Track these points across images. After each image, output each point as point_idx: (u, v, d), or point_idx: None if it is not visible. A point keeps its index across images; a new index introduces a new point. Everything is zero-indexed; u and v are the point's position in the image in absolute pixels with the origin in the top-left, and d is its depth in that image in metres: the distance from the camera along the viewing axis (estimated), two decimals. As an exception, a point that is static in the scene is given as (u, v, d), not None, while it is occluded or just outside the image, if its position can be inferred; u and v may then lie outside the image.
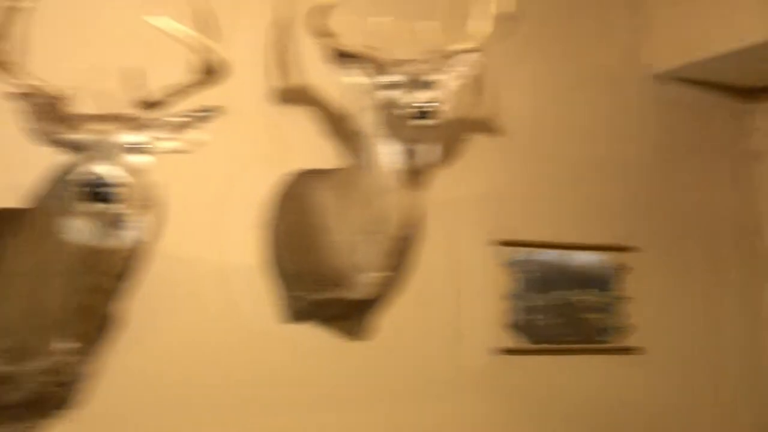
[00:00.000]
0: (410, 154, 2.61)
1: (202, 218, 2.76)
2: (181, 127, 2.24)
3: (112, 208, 2.01)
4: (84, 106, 2.30)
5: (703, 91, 3.68)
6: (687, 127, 3.64)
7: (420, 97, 2.50)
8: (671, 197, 3.58)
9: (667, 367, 3.48)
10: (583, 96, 3.44)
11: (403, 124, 2.54)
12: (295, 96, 2.95)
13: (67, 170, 2.06)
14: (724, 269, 3.66)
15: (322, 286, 2.81)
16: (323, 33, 2.60)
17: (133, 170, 2.07)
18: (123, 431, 2.63)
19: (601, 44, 3.50)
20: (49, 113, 2.13)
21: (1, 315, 2.27)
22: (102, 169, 1.99)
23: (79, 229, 2.08)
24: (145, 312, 2.60)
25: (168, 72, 2.28)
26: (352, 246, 2.71)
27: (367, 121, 2.67)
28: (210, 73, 2.21)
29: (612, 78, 3.52)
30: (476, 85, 3.18)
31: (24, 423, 2.50)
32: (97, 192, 1.97)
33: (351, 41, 2.64)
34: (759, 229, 3.75)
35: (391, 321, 3.02)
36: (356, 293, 2.79)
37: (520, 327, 3.23)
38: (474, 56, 2.73)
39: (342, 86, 2.94)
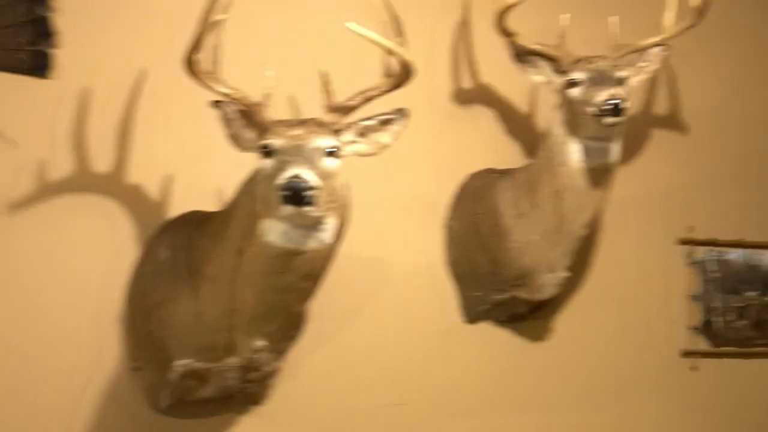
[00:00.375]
0: (597, 152, 2.58)
1: (385, 219, 2.78)
2: (369, 130, 2.27)
3: (310, 211, 2.03)
4: (279, 112, 2.38)
5: None
6: None
7: (609, 94, 2.46)
8: None
9: None
10: (768, 86, 3.31)
11: (591, 121, 2.51)
12: (476, 96, 2.95)
13: (266, 175, 2.10)
14: None
15: (503, 287, 2.81)
16: (507, 32, 2.59)
17: (328, 174, 2.10)
18: (308, 427, 2.69)
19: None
20: (247, 120, 2.20)
21: (201, 315, 2.35)
22: (301, 173, 2.01)
23: (277, 231, 2.12)
24: (332, 312, 2.64)
25: (356, 77, 2.31)
26: (535, 246, 2.70)
27: (552, 119, 2.65)
28: (399, 76, 2.22)
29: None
30: (658, 78, 3.11)
31: (216, 417, 2.59)
32: (297, 195, 2.00)
33: (535, 39, 2.63)
34: None
35: (572, 322, 2.99)
36: (538, 294, 2.78)
37: (704, 329, 3.15)
38: (662, 50, 2.68)
39: (526, 85, 2.94)
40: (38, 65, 2.50)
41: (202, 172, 2.60)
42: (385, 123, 2.27)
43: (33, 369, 2.47)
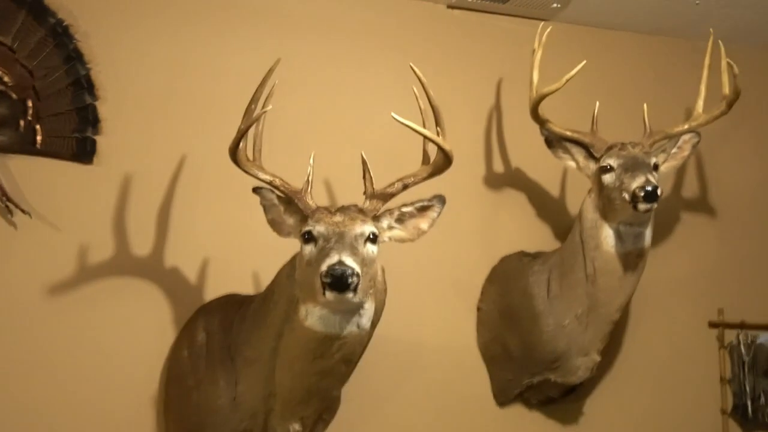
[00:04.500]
0: (631, 236, 2.56)
1: (418, 301, 2.77)
2: (407, 216, 2.26)
3: (351, 297, 2.01)
4: (319, 198, 2.40)
5: None
6: None
7: (642, 181, 2.45)
8: None
9: None
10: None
11: (625, 207, 2.49)
12: (509, 180, 2.96)
13: (308, 260, 2.09)
14: None
15: (535, 370, 2.76)
16: (541, 119, 2.61)
17: (368, 260, 2.09)
18: None
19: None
20: (287, 206, 2.20)
21: (238, 398, 2.32)
22: (344, 260, 1.99)
23: (316, 316, 2.10)
24: (365, 394, 2.63)
25: (395, 164, 2.35)
26: (568, 329, 2.66)
27: (585, 204, 2.64)
28: (438, 164, 2.23)
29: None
30: (688, 162, 3.12)
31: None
32: (340, 282, 1.97)
33: (567, 126, 2.64)
34: None
35: (604, 406, 2.96)
36: (571, 377, 2.73)
37: (736, 413, 3.08)
38: (693, 137, 2.70)
39: (557, 170, 2.96)
40: (82, 151, 2.53)
41: (239, 256, 2.61)
42: (423, 210, 2.26)
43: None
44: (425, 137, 2.20)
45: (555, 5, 2.88)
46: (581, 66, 2.54)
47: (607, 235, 2.58)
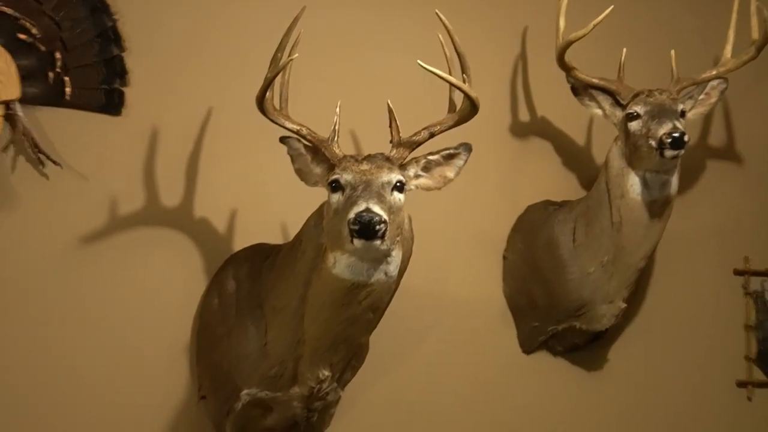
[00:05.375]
0: (657, 184, 2.56)
1: (444, 252, 2.78)
2: (434, 164, 2.26)
3: (378, 245, 2.02)
4: (346, 147, 2.40)
5: None
6: None
7: (669, 128, 2.45)
8: None
9: None
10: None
11: (651, 154, 2.49)
12: (535, 130, 2.95)
13: (335, 209, 2.09)
14: None
15: (560, 318, 2.79)
16: (567, 66, 2.60)
17: (395, 208, 2.09)
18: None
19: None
20: (314, 155, 2.21)
21: (267, 346, 2.35)
22: (371, 207, 1.99)
23: (344, 264, 2.10)
24: (393, 342, 2.65)
25: (420, 112, 2.34)
26: (593, 278, 2.68)
27: (611, 152, 2.64)
28: (464, 111, 2.22)
29: None
30: (715, 110, 3.10)
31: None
32: (367, 229, 1.98)
33: (594, 73, 2.63)
34: None
35: (628, 353, 2.97)
36: (596, 325, 2.75)
37: (760, 359, 3.09)
38: (720, 83, 2.67)
39: (583, 118, 2.94)
40: (111, 103, 2.53)
41: (267, 206, 2.63)
42: (450, 158, 2.26)
43: (106, 399, 2.48)
44: (451, 84, 2.18)
45: (581, -49, 2.84)
46: (608, 12, 2.51)
47: (633, 183, 2.57)
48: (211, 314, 2.52)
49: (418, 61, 2.11)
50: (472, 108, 2.21)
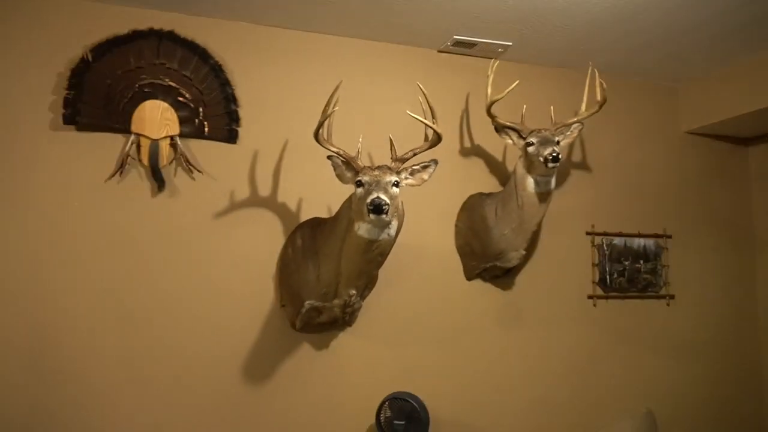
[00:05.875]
0: (543, 183, 2.56)
1: (422, 221, 2.77)
2: (416, 171, 2.27)
3: (384, 218, 2.05)
4: (365, 161, 2.39)
5: (715, 140, 3.39)
6: (704, 162, 3.36)
7: (551, 150, 2.45)
8: (693, 205, 3.31)
9: (688, 307, 3.23)
10: (639, 145, 3.24)
11: (540, 166, 2.49)
12: (474, 151, 2.93)
13: (359, 197, 2.12)
14: (724, 247, 3.35)
15: (488, 260, 2.77)
16: (492, 115, 2.58)
17: (394, 196, 2.11)
18: (378, 338, 2.68)
19: (647, 110, 3.29)
20: (347, 166, 2.22)
21: (320, 276, 2.37)
22: (381, 196, 2.03)
23: (364, 229, 2.14)
24: (393, 274, 2.65)
25: (409, 141, 2.34)
26: (507, 236, 2.67)
27: (517, 164, 2.63)
28: (434, 141, 2.23)
29: (655, 134, 3.29)
30: (577, 140, 3.08)
31: (327, 333, 2.59)
32: (378, 209, 2.02)
33: (507, 118, 2.62)
34: (750, 224, 3.42)
35: (526, 279, 2.94)
36: (507, 263, 2.74)
37: (601, 283, 3.08)
38: (579, 126, 2.66)
39: (501, 145, 2.93)
40: (230, 137, 2.55)
41: (320, 196, 2.61)
42: (425, 167, 2.27)
43: (231, 305, 2.50)
44: (426, 125, 2.21)
45: (500, 50, 2.83)
46: (515, 85, 2.53)
47: (530, 182, 2.57)
48: (287, 258, 2.53)
49: (408, 111, 2.13)
50: (438, 139, 2.22)
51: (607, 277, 3.08)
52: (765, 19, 2.55)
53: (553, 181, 2.58)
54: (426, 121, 2.19)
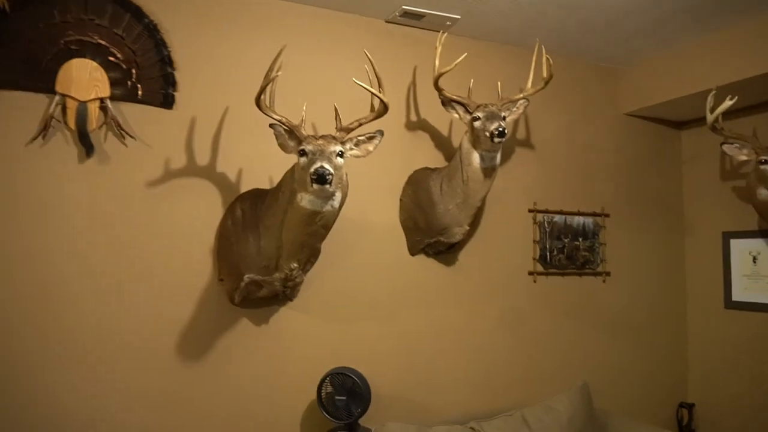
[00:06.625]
0: (489, 159, 2.56)
1: (366, 194, 2.75)
2: (361, 142, 2.23)
3: (327, 188, 2.01)
4: (309, 130, 2.33)
5: (651, 123, 3.50)
6: (641, 144, 3.48)
7: (497, 125, 2.45)
8: (630, 186, 3.43)
9: (622, 284, 3.36)
10: (581, 125, 3.30)
11: (486, 141, 2.49)
12: (420, 125, 2.91)
13: (302, 166, 2.07)
14: (656, 226, 3.49)
15: (432, 235, 2.77)
16: (439, 88, 2.56)
17: (338, 167, 2.07)
18: (320, 313, 2.63)
19: (590, 92, 3.35)
20: (290, 135, 2.16)
21: (261, 249, 2.32)
22: (324, 165, 1.99)
23: (307, 200, 2.09)
24: (336, 247, 2.62)
25: (354, 111, 2.29)
26: (451, 212, 2.67)
27: (463, 139, 2.62)
28: (380, 111, 2.20)
29: (596, 115, 3.37)
30: (522, 117, 3.11)
31: (267, 308, 2.54)
32: (321, 178, 1.98)
33: (454, 92, 2.60)
34: (681, 205, 3.57)
35: (469, 255, 2.97)
36: (451, 239, 2.75)
37: (541, 259, 3.15)
38: (525, 102, 2.68)
39: (448, 119, 2.92)
40: (166, 101, 2.43)
41: (261, 166, 2.54)
42: (370, 138, 2.24)
43: (166, 279, 2.41)
44: (373, 94, 2.17)
45: (448, 23, 2.80)
46: (462, 58, 2.50)
47: (476, 157, 2.57)
48: (226, 230, 2.46)
49: (354, 78, 2.07)
50: (384, 109, 2.20)
51: (548, 254, 3.15)
52: (702, 5, 2.62)
53: (499, 156, 2.58)
54: (372, 90, 2.14)
